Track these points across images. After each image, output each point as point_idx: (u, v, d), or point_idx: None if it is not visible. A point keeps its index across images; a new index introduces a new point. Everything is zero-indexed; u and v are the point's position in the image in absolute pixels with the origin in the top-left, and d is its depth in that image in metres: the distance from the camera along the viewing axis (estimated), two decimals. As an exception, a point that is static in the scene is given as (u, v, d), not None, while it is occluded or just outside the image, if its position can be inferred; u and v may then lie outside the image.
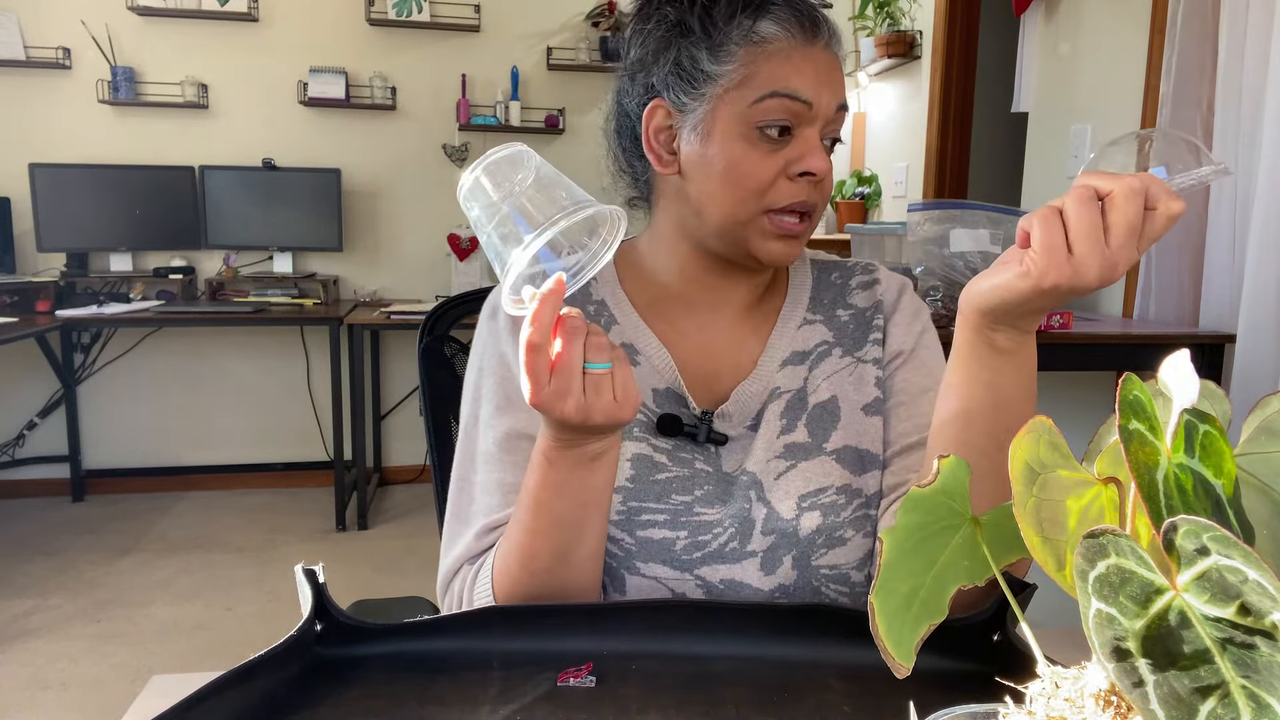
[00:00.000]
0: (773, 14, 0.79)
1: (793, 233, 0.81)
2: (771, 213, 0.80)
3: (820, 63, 0.80)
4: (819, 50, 0.80)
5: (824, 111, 0.80)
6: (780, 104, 0.78)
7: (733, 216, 0.81)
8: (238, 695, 0.59)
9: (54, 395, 3.69)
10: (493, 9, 3.85)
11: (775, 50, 0.78)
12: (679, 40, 0.81)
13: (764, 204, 0.80)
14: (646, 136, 0.84)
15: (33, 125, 3.57)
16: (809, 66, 0.79)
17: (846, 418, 0.87)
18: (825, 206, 0.84)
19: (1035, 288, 0.61)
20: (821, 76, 0.79)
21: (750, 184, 0.79)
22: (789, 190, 0.80)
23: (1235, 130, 2.01)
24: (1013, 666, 0.64)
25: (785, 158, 0.79)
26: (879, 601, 0.39)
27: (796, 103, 0.78)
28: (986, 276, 0.66)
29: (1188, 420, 0.34)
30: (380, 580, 2.96)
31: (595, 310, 0.90)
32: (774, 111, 0.78)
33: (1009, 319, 0.66)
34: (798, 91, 0.78)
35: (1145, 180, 0.59)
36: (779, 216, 0.80)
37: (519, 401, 0.85)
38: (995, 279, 0.64)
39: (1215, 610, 0.29)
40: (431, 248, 3.91)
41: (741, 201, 0.80)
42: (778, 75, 0.78)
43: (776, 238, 0.81)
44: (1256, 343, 1.89)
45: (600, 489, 0.73)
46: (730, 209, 0.81)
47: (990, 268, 0.66)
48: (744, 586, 0.82)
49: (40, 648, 2.46)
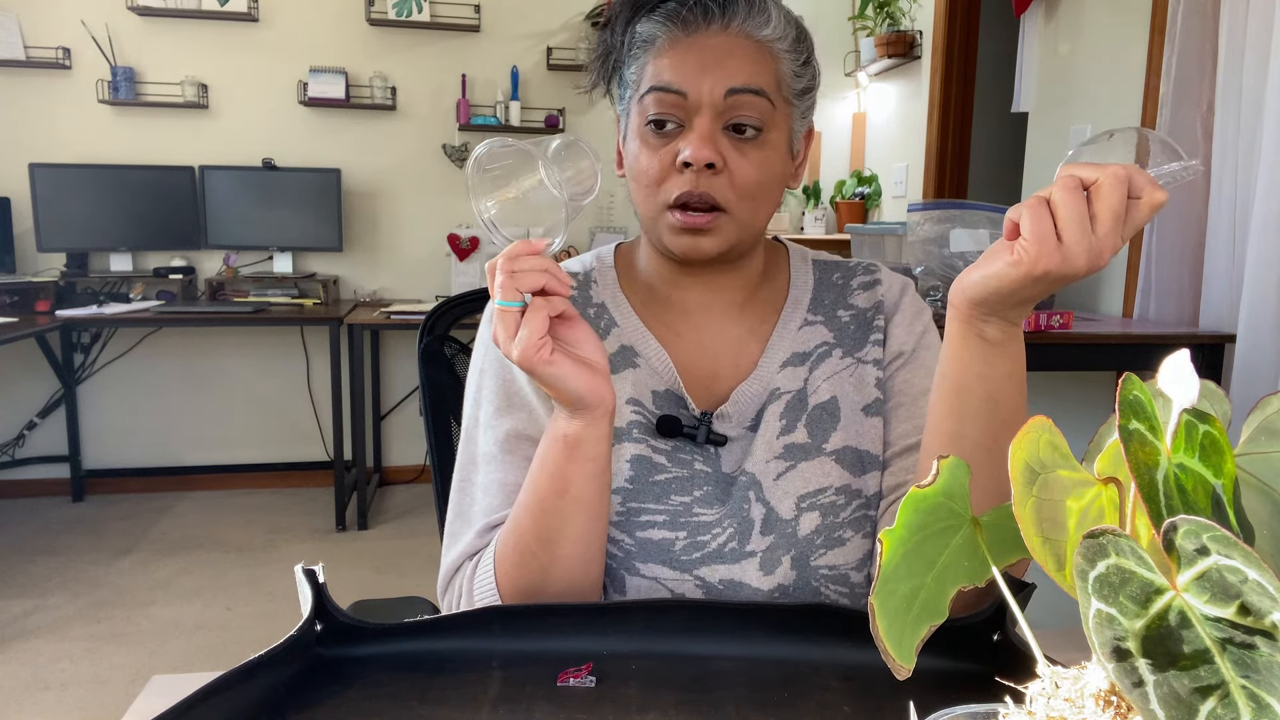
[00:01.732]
0: (656, 13, 0.80)
1: (692, 227, 0.80)
2: (671, 208, 0.80)
3: (706, 49, 0.78)
4: (709, 37, 0.79)
5: (707, 98, 0.78)
6: (656, 98, 0.79)
7: (645, 214, 0.83)
8: (238, 695, 0.59)
9: (54, 395, 3.69)
10: (493, 9, 3.85)
11: (658, 47, 0.80)
12: (611, 56, 0.85)
13: (660, 199, 0.81)
14: (617, 145, 0.89)
15: (33, 125, 3.57)
16: (689, 55, 0.78)
17: (846, 418, 0.87)
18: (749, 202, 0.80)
19: (1027, 275, 0.62)
20: (705, 63, 0.78)
21: (644, 179, 0.81)
22: (676, 182, 0.79)
23: (1235, 130, 2.01)
24: (1012, 666, 0.64)
25: (674, 149, 0.79)
26: (879, 602, 0.39)
27: (670, 94, 0.78)
28: (976, 268, 0.66)
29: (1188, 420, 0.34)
30: (380, 580, 2.96)
31: (595, 313, 0.90)
32: (652, 106, 0.79)
33: (1000, 309, 0.67)
34: (670, 83, 0.78)
35: (1129, 170, 0.60)
36: (673, 210, 0.80)
37: (520, 402, 0.85)
38: (986, 269, 0.65)
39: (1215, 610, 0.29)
40: (431, 248, 3.91)
41: (645, 199, 0.82)
42: (655, 70, 0.80)
43: (681, 232, 0.81)
44: (1256, 343, 1.89)
45: (580, 481, 0.73)
46: (641, 208, 0.84)
47: (979, 260, 0.67)
48: (743, 587, 0.82)
49: (40, 648, 2.46)
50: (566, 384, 0.69)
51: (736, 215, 0.80)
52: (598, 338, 0.72)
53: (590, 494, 0.75)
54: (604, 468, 0.75)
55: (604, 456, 0.74)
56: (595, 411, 0.72)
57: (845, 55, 4.30)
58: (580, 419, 0.72)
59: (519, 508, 0.77)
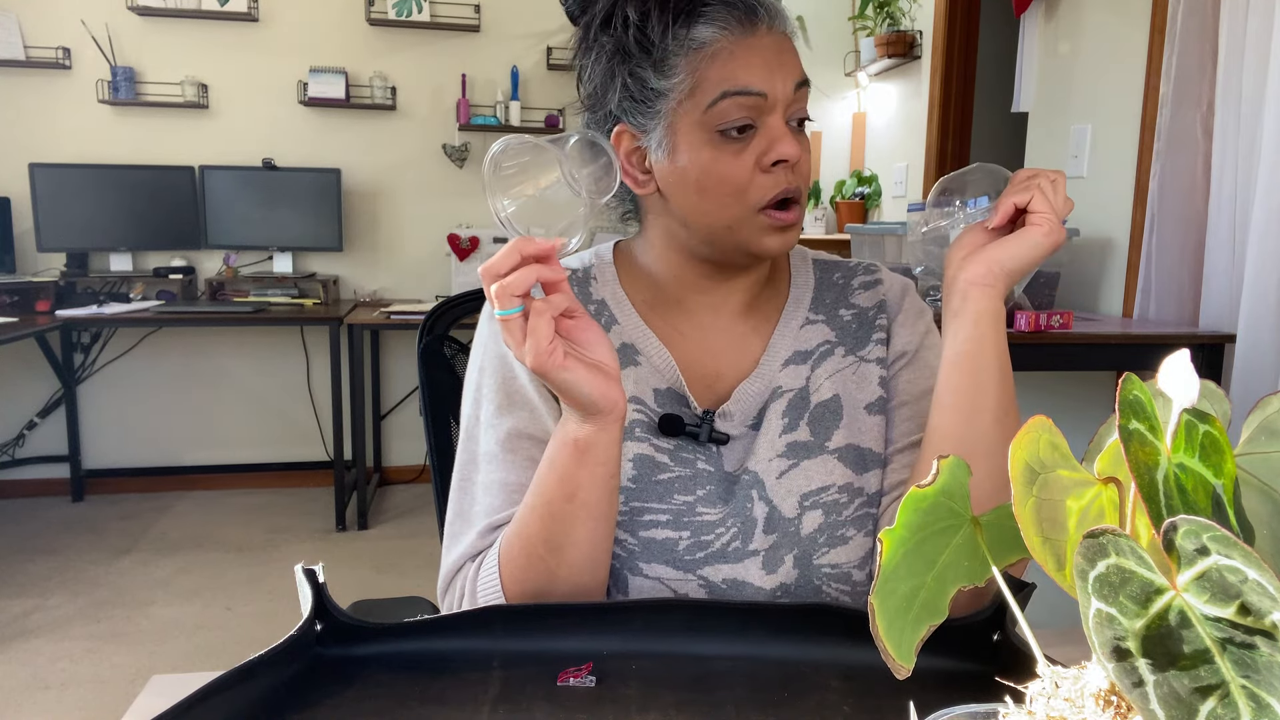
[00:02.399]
0: (705, 16, 0.78)
1: (784, 224, 0.81)
2: (761, 210, 0.80)
3: (766, 48, 0.78)
4: (761, 36, 0.79)
5: (781, 96, 0.79)
6: (734, 103, 0.77)
7: (722, 222, 0.81)
8: (238, 695, 0.59)
9: (54, 395, 3.69)
10: (493, 9, 3.85)
11: (716, 50, 0.77)
12: (622, 66, 0.81)
13: (748, 203, 0.79)
14: (621, 162, 0.84)
15: (33, 125, 3.57)
16: (755, 57, 0.78)
17: (849, 417, 0.87)
18: (808, 188, 0.84)
19: (1055, 245, 0.75)
20: (771, 62, 0.78)
21: (727, 188, 0.79)
22: (768, 183, 0.79)
23: (1235, 130, 2.01)
24: (1012, 666, 0.64)
25: (755, 152, 0.78)
26: (879, 602, 0.39)
27: (750, 97, 0.77)
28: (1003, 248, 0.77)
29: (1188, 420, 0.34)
30: (380, 580, 2.96)
31: (595, 310, 0.90)
32: (730, 111, 0.77)
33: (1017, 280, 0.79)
34: (748, 86, 0.77)
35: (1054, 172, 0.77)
36: (770, 211, 0.80)
37: (520, 401, 0.85)
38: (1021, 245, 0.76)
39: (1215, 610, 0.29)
40: (431, 248, 3.91)
41: (726, 206, 0.80)
42: (725, 75, 0.77)
43: (771, 232, 0.81)
44: (1256, 343, 1.89)
45: (589, 486, 0.73)
46: (717, 215, 0.80)
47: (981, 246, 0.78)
48: (746, 586, 0.82)
49: (40, 648, 2.46)
50: (580, 389, 0.68)
51: (803, 204, 0.83)
52: (608, 339, 0.71)
53: (599, 499, 0.74)
54: (614, 472, 0.75)
55: (614, 461, 0.74)
56: (607, 416, 0.71)
57: (845, 55, 4.30)
58: (591, 423, 0.71)
59: (526, 510, 0.77)
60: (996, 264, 0.77)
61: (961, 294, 0.79)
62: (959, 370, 0.78)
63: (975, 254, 0.78)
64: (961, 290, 0.79)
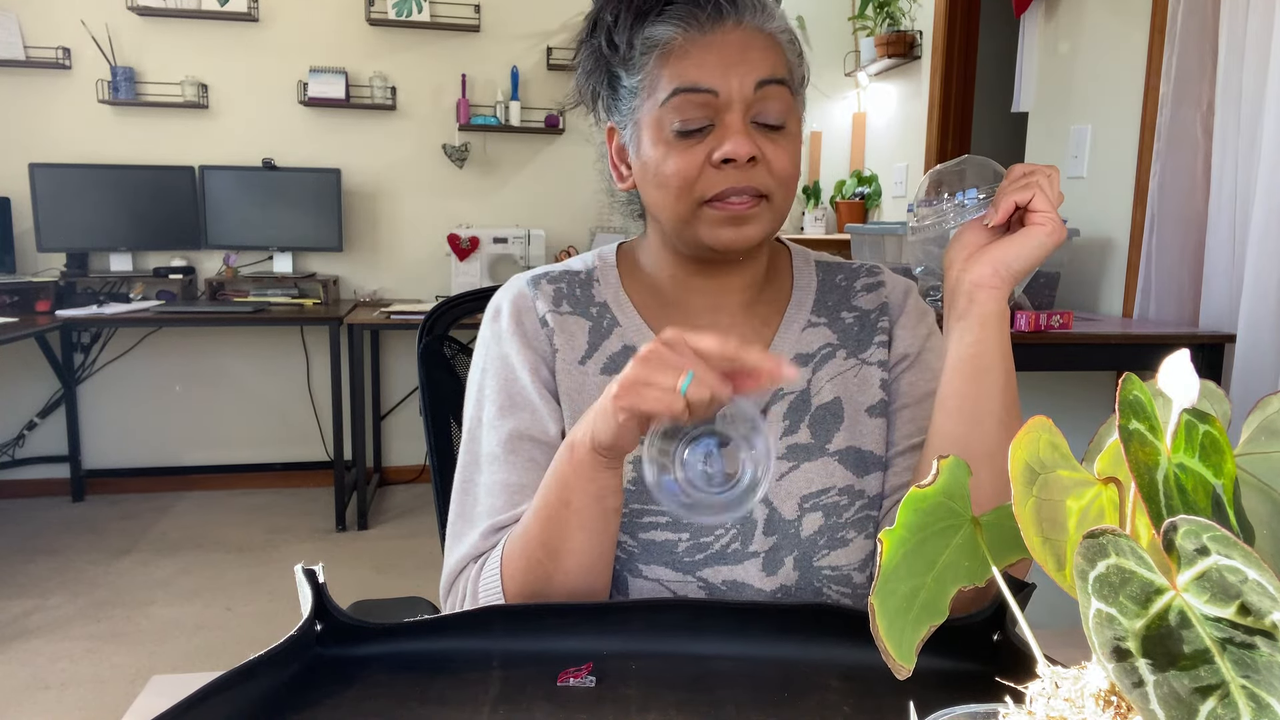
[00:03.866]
0: (666, 15, 0.79)
1: (738, 213, 0.79)
2: (708, 203, 0.79)
3: (727, 46, 0.78)
4: (726, 33, 0.78)
5: (738, 94, 0.78)
6: (685, 99, 0.78)
7: (675, 216, 0.81)
8: (238, 695, 0.59)
9: (54, 395, 3.69)
10: (493, 9, 3.85)
11: (673, 49, 0.78)
12: (602, 67, 0.84)
13: (695, 197, 0.79)
14: (610, 158, 0.88)
15: (33, 125, 3.57)
16: (710, 55, 0.78)
17: (850, 419, 0.87)
18: (785, 189, 0.81)
19: (1057, 244, 0.76)
20: (729, 59, 0.78)
21: (676, 182, 0.79)
22: (715, 179, 0.78)
23: (1235, 130, 2.01)
24: (1013, 666, 0.64)
25: (708, 148, 0.78)
26: (879, 602, 0.39)
27: (700, 94, 0.78)
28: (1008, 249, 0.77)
29: (1188, 420, 0.34)
30: (380, 580, 2.96)
31: (598, 312, 0.90)
32: (683, 109, 0.78)
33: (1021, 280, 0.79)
34: (698, 83, 0.77)
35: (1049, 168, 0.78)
36: (716, 202, 0.79)
37: (522, 402, 0.85)
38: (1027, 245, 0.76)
39: (1215, 610, 0.29)
40: (431, 248, 3.91)
41: (677, 200, 0.80)
42: (678, 72, 0.78)
43: (723, 223, 0.80)
44: (1256, 343, 1.89)
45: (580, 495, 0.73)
46: (670, 210, 0.81)
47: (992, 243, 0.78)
48: (745, 587, 0.82)
49: (40, 648, 2.46)
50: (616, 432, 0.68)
51: (776, 202, 0.81)
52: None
53: (591, 513, 0.74)
54: (606, 493, 0.73)
55: (606, 484, 0.73)
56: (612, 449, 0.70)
57: (845, 55, 4.30)
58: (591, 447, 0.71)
59: (529, 512, 0.77)
60: (1003, 265, 0.77)
61: (967, 295, 0.78)
62: (964, 373, 0.78)
63: (979, 255, 0.78)
64: (967, 292, 0.78)
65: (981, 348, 0.78)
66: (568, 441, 0.74)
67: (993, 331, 0.78)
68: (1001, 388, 0.78)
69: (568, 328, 0.88)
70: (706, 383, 0.64)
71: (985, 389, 0.78)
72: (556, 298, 0.90)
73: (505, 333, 0.88)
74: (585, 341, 0.88)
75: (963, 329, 0.78)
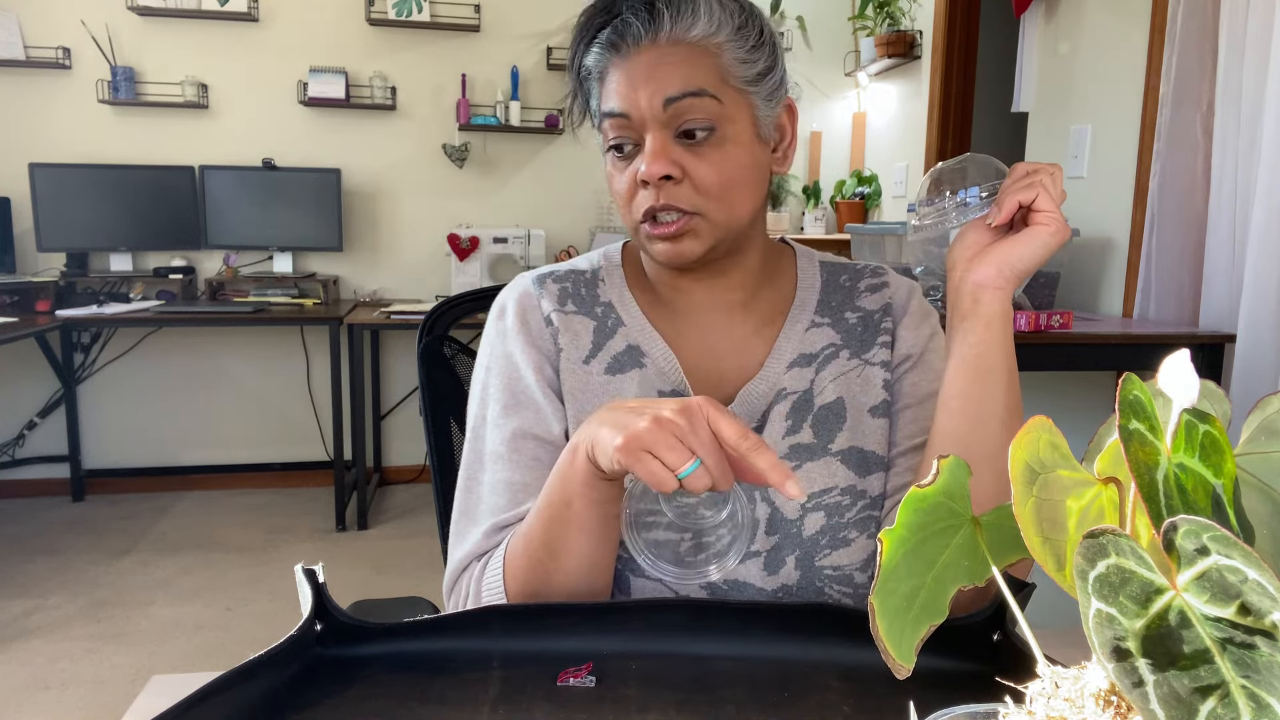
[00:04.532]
0: (595, 43, 0.81)
1: (666, 234, 0.80)
2: (643, 223, 0.82)
3: (636, 67, 0.78)
4: (641, 53, 0.78)
5: (648, 113, 0.78)
6: (610, 124, 0.81)
7: (629, 228, 0.85)
8: (238, 695, 0.59)
9: (54, 395, 3.69)
10: (493, 9, 3.85)
11: (601, 74, 0.81)
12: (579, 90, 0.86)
13: (634, 216, 0.82)
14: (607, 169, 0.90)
15: (33, 125, 3.57)
16: (622, 78, 0.79)
17: (852, 419, 0.87)
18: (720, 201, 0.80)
19: (1061, 243, 0.76)
20: (636, 80, 0.78)
21: (620, 199, 0.84)
22: (643, 199, 0.80)
23: (1235, 130, 2.01)
24: (1013, 666, 0.64)
25: (635, 169, 0.80)
26: (879, 602, 0.39)
27: (616, 118, 0.80)
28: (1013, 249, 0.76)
29: (1188, 420, 0.34)
30: (380, 580, 2.96)
31: (603, 311, 0.90)
32: (609, 131, 0.81)
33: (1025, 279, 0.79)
34: (613, 108, 0.80)
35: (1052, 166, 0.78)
36: (647, 224, 0.81)
37: (525, 401, 0.85)
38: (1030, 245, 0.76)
39: (1215, 610, 0.29)
40: (431, 248, 3.91)
41: (625, 216, 0.85)
42: (605, 96, 0.81)
43: (656, 240, 0.82)
44: (1256, 343, 1.89)
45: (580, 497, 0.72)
46: (625, 223, 0.85)
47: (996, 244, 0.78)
48: (747, 587, 0.82)
49: (40, 648, 2.46)
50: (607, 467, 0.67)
51: (710, 216, 0.80)
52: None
53: (590, 516, 0.73)
54: (605, 499, 0.73)
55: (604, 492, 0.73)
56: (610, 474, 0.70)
57: (845, 55, 4.30)
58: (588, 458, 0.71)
59: (532, 511, 0.77)
60: (1007, 266, 0.77)
61: (971, 296, 0.78)
62: (967, 374, 0.78)
63: (983, 255, 0.78)
64: (971, 293, 0.78)
65: (985, 348, 0.78)
66: (571, 444, 0.74)
67: (996, 332, 0.78)
68: (1004, 388, 0.78)
69: (572, 327, 0.88)
70: (710, 474, 0.64)
71: (988, 389, 0.78)
72: (561, 297, 0.90)
73: (510, 331, 0.88)
74: (590, 341, 0.88)
75: (966, 329, 0.78)
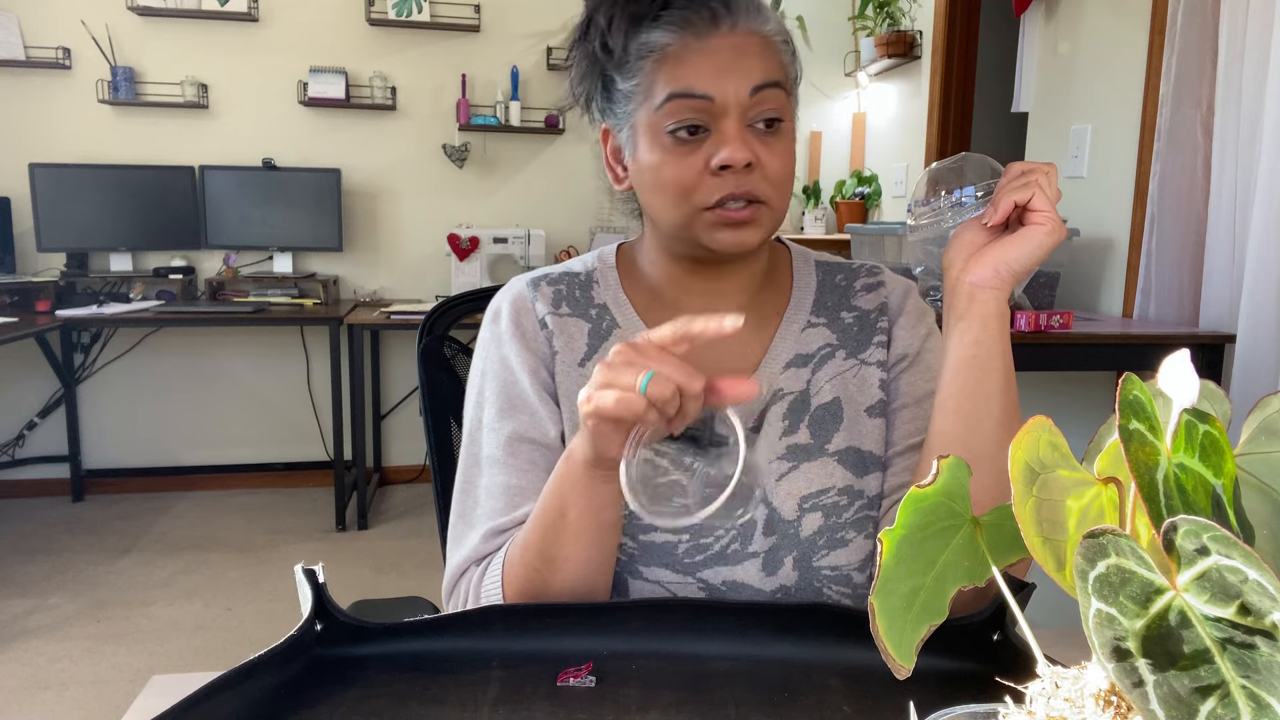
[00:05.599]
0: (662, 21, 0.78)
1: (737, 220, 0.79)
2: (708, 209, 0.79)
3: (721, 52, 0.78)
4: (721, 38, 0.78)
5: (733, 99, 0.78)
6: (681, 105, 0.78)
7: (673, 220, 0.81)
8: (238, 695, 0.59)
9: (54, 395, 3.69)
10: (493, 9, 3.85)
11: (670, 54, 0.78)
12: (595, 70, 0.84)
13: (694, 204, 0.79)
14: (606, 158, 0.88)
15: (33, 125, 3.57)
16: (706, 60, 0.78)
17: (849, 419, 0.87)
18: (781, 192, 0.81)
19: (1057, 242, 0.75)
20: (724, 65, 0.78)
21: (675, 188, 0.79)
22: (715, 186, 0.78)
23: (1235, 130, 2.01)
24: (1013, 666, 0.64)
25: (705, 155, 0.78)
26: (879, 602, 0.39)
27: (695, 99, 0.77)
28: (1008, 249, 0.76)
29: (1188, 420, 0.34)
30: (380, 580, 2.96)
31: (597, 314, 0.90)
32: (677, 113, 0.78)
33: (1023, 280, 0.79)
34: (693, 88, 0.77)
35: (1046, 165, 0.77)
36: (717, 209, 0.79)
37: (522, 405, 0.85)
38: (1026, 246, 0.75)
39: (1215, 610, 0.29)
40: (431, 248, 3.91)
41: (674, 206, 0.80)
42: (674, 77, 0.78)
43: (723, 227, 0.80)
44: (1256, 343, 1.89)
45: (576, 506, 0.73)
46: (669, 214, 0.81)
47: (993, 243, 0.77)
48: (745, 588, 0.82)
49: (40, 648, 2.46)
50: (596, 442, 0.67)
51: (773, 206, 0.81)
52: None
53: (586, 524, 0.73)
54: (602, 505, 0.73)
55: (602, 496, 0.72)
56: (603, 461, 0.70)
57: (845, 55, 4.30)
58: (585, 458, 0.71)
59: (530, 519, 0.78)
60: (1004, 266, 0.76)
61: (968, 296, 0.78)
62: (964, 374, 0.78)
63: (979, 255, 0.77)
64: (967, 293, 0.78)
65: (981, 348, 0.77)
66: (566, 453, 0.74)
67: (993, 332, 0.77)
68: (1002, 389, 0.78)
69: (567, 329, 0.88)
70: (669, 377, 0.62)
71: (985, 390, 0.78)
72: (556, 299, 0.90)
73: (505, 335, 0.88)
74: (585, 343, 0.88)
75: (962, 329, 0.78)
